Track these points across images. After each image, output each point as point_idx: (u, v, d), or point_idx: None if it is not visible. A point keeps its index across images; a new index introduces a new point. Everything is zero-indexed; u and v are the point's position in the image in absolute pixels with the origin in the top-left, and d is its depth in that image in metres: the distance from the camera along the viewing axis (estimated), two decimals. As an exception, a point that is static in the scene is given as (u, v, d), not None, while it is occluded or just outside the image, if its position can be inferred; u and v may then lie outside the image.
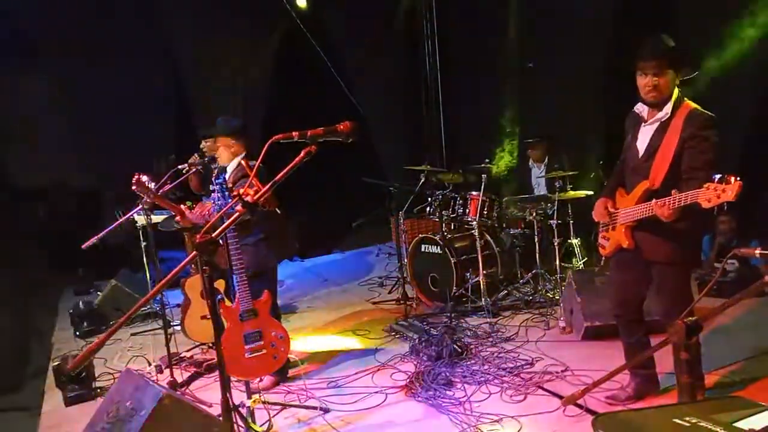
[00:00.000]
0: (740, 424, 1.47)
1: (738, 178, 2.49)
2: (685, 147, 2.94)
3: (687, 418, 1.49)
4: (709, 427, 1.42)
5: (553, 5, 6.89)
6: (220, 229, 1.86)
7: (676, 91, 3.04)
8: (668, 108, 3.02)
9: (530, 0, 7.27)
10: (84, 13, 6.94)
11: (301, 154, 1.99)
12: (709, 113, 2.98)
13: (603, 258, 3.56)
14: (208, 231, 1.85)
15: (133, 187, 3.79)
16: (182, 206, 4.21)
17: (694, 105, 3.02)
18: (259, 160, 1.99)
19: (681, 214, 2.82)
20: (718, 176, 2.53)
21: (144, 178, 3.77)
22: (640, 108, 3.17)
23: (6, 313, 5.75)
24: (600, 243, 3.48)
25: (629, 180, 3.24)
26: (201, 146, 5.19)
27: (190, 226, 4.33)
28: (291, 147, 2.04)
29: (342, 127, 2.06)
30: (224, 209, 2.14)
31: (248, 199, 1.93)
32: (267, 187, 1.95)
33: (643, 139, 3.15)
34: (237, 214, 1.96)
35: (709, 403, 1.66)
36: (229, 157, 4.11)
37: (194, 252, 1.84)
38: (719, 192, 2.52)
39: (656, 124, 3.08)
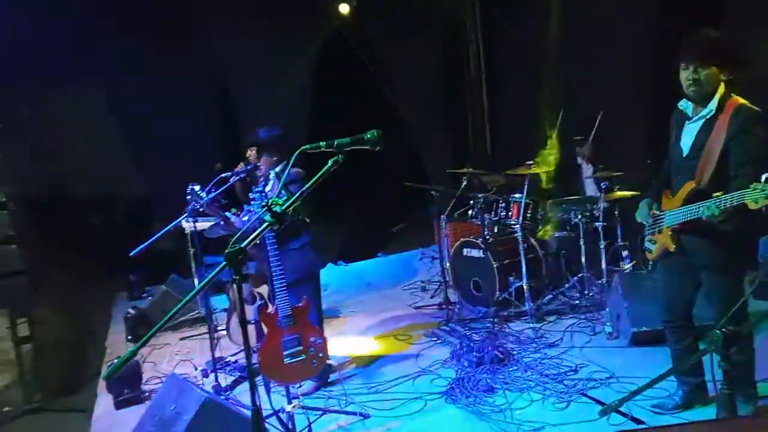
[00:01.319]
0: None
1: None
2: (731, 144, 2.81)
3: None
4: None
5: (598, 2, 6.73)
6: (248, 240, 1.89)
7: (722, 86, 2.91)
8: (713, 104, 2.90)
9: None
10: (130, 26, 7.17)
11: (329, 163, 2.01)
12: (757, 108, 2.84)
13: (650, 262, 3.44)
14: (236, 241, 1.88)
15: (188, 197, 3.94)
16: (228, 213, 4.31)
17: (741, 100, 2.89)
18: (287, 170, 2.01)
19: (729, 215, 2.70)
20: (765, 175, 2.40)
21: (197, 187, 3.92)
22: (685, 104, 3.06)
23: (64, 317, 6.00)
24: (646, 246, 3.38)
25: (674, 180, 3.13)
26: (246, 155, 5.30)
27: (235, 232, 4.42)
28: (323, 155, 2.05)
29: (368, 135, 2.06)
30: (254, 218, 2.18)
31: (276, 209, 1.95)
32: (294, 197, 1.98)
33: (688, 137, 3.03)
34: (266, 224, 1.99)
35: (755, 421, 1.58)
36: (271, 165, 4.18)
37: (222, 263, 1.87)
38: (767, 191, 2.40)
39: (701, 121, 2.96)
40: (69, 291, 6.29)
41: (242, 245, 1.88)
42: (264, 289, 4.47)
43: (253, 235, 1.93)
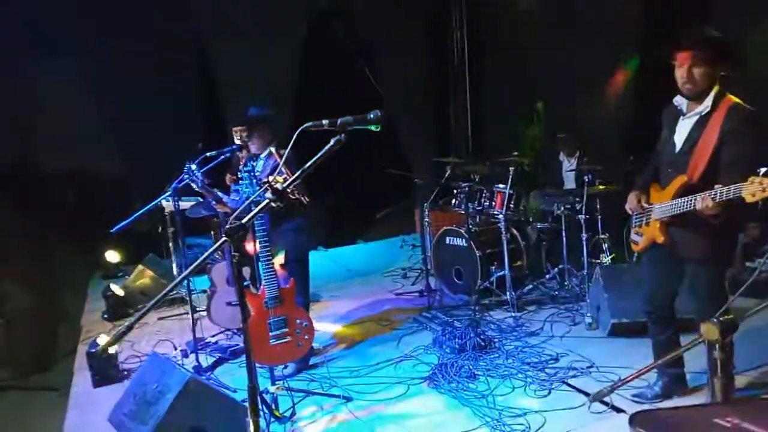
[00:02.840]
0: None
1: None
2: (724, 141, 2.85)
3: (728, 419, 1.45)
4: (752, 428, 1.38)
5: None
6: (248, 216, 1.86)
7: (717, 84, 2.94)
8: (708, 101, 2.93)
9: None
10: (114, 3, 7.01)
11: (331, 142, 1.98)
12: (751, 108, 2.88)
13: (636, 254, 3.48)
14: (237, 218, 1.85)
15: (185, 176, 3.88)
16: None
17: (736, 99, 2.92)
18: (288, 148, 1.98)
19: (723, 210, 2.74)
20: (763, 169, 2.44)
21: (194, 165, 3.86)
22: (679, 101, 3.08)
23: (37, 296, 5.87)
24: (632, 239, 3.42)
25: (664, 174, 3.16)
26: (235, 134, 5.21)
27: (229, 212, 4.36)
28: (319, 136, 2.03)
29: (371, 115, 2.04)
30: (252, 197, 2.15)
31: (278, 186, 1.93)
32: (296, 175, 1.95)
33: (682, 133, 3.06)
34: (266, 201, 1.96)
35: (749, 404, 1.62)
36: (261, 145, 4.13)
37: (223, 238, 1.84)
38: (765, 186, 2.42)
39: (695, 118, 3.00)
40: (41, 268, 6.17)
41: (242, 222, 1.85)
42: (246, 271, 4.44)
43: (254, 211, 1.90)
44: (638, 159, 5.83)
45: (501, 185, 5.57)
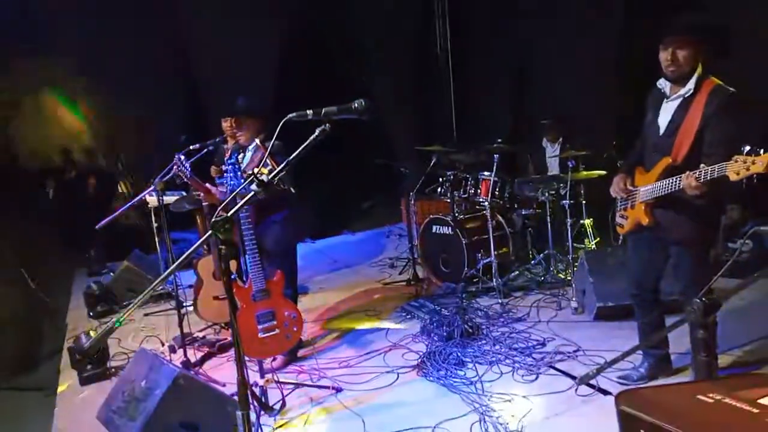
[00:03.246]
0: (764, 401, 1.46)
1: None
2: (707, 123, 2.88)
3: (710, 395, 1.48)
4: (734, 403, 1.41)
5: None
6: (235, 208, 1.85)
7: (700, 67, 2.96)
8: (691, 84, 2.95)
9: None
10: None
11: (316, 132, 1.98)
12: (733, 89, 2.91)
13: (621, 237, 3.51)
14: (223, 210, 1.84)
15: (174, 167, 3.85)
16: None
17: (718, 81, 2.95)
18: (273, 139, 1.97)
19: (707, 189, 2.77)
20: (747, 148, 2.48)
21: (182, 156, 3.83)
22: (663, 84, 3.10)
23: (20, 294, 5.81)
24: (617, 222, 3.45)
25: (649, 157, 3.19)
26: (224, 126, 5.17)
27: (217, 203, 4.33)
28: (305, 126, 2.02)
29: (356, 104, 2.04)
30: (237, 189, 2.13)
31: (263, 178, 1.92)
32: (282, 166, 1.94)
33: (665, 116, 3.09)
34: (251, 193, 1.95)
35: (730, 381, 1.65)
36: (250, 137, 4.09)
37: (208, 231, 1.83)
38: (749, 164, 2.46)
39: (679, 100, 3.02)
40: (24, 266, 6.10)
41: (228, 214, 1.84)
42: (233, 264, 4.42)
43: (239, 204, 1.89)
44: (621, 143, 5.89)
45: (486, 173, 5.59)
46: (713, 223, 3.11)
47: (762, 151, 2.45)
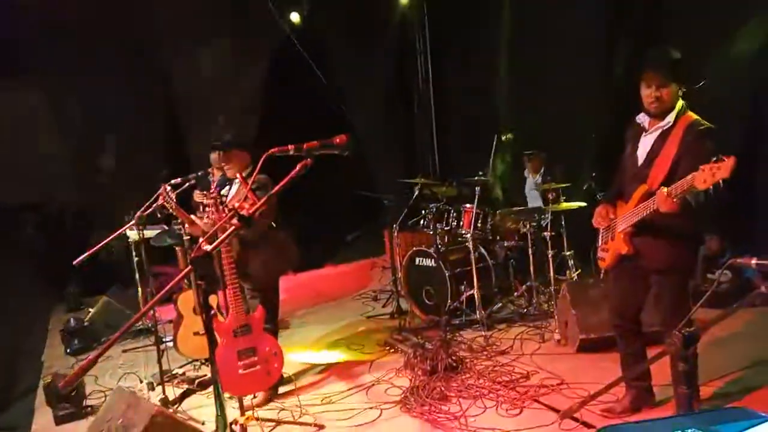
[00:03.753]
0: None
1: (732, 156, 2.50)
2: (682, 154, 2.96)
3: (689, 430, 1.48)
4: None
5: (546, 19, 6.94)
6: (215, 243, 1.84)
7: (679, 102, 3.06)
8: (671, 117, 3.05)
9: (522, 13, 7.30)
10: (78, 29, 6.94)
11: (297, 167, 1.98)
12: (709, 124, 3.01)
13: (603, 271, 3.55)
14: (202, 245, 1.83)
15: (160, 199, 3.84)
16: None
17: (696, 116, 3.05)
18: (254, 174, 1.97)
19: (681, 209, 2.81)
20: (714, 159, 2.55)
21: (168, 188, 3.81)
22: (642, 118, 3.19)
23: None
24: (599, 256, 3.48)
25: (628, 189, 3.24)
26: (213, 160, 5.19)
27: (200, 235, 4.30)
28: (288, 160, 2.03)
29: (337, 140, 2.05)
30: (220, 223, 2.12)
31: (244, 212, 1.91)
32: (262, 200, 1.94)
33: (644, 148, 3.17)
34: (232, 228, 1.94)
35: (709, 414, 1.65)
36: (237, 171, 4.10)
37: (188, 266, 1.82)
38: (714, 170, 2.53)
39: (657, 132, 3.11)
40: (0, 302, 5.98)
41: (209, 249, 1.82)
42: (213, 300, 4.37)
43: (219, 239, 1.88)
44: (600, 175, 5.98)
45: (468, 205, 5.63)
46: (691, 250, 3.16)
47: (725, 158, 2.53)
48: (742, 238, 5.34)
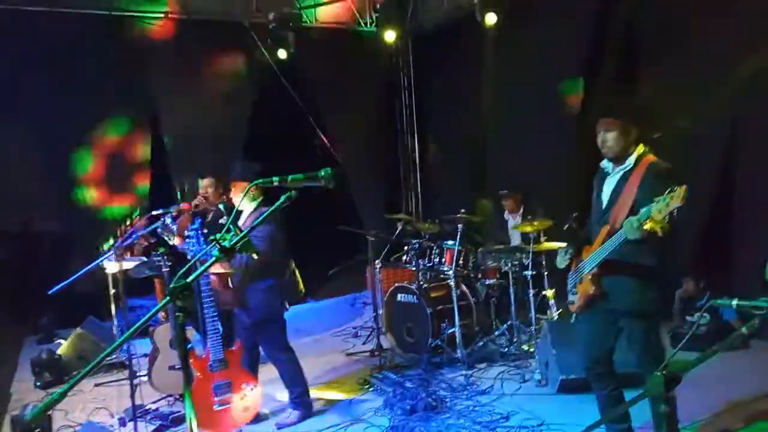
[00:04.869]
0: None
1: (684, 185, 2.59)
2: (643, 192, 3.02)
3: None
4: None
5: (528, 57, 7.10)
6: (194, 275, 1.82)
7: (640, 146, 3.15)
8: (631, 159, 3.14)
9: (504, 54, 7.46)
10: (58, 57, 6.95)
11: (281, 199, 1.98)
12: (669, 164, 3.11)
13: (573, 315, 3.55)
14: (181, 276, 1.80)
15: (158, 229, 3.81)
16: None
17: (655, 158, 3.15)
18: (237, 207, 1.96)
19: (647, 245, 2.87)
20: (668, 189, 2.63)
21: (168, 219, 3.78)
22: (606, 163, 3.29)
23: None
24: (569, 300, 3.50)
25: (595, 232, 3.30)
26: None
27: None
28: (273, 192, 2.04)
29: (322, 173, 2.06)
30: (200, 255, 2.10)
31: (225, 244, 1.90)
32: (245, 232, 1.93)
33: (608, 190, 3.25)
34: (213, 259, 1.92)
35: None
36: (246, 201, 4.08)
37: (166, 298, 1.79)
38: (668, 200, 2.61)
39: (620, 174, 3.20)
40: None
41: (188, 280, 1.80)
42: (190, 333, 4.30)
43: (199, 270, 1.86)
44: (581, 215, 6.03)
45: (450, 242, 5.64)
46: (659, 291, 3.18)
47: (677, 187, 2.60)
48: (719, 281, 5.40)
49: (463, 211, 5.79)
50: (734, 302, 1.84)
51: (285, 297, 4.30)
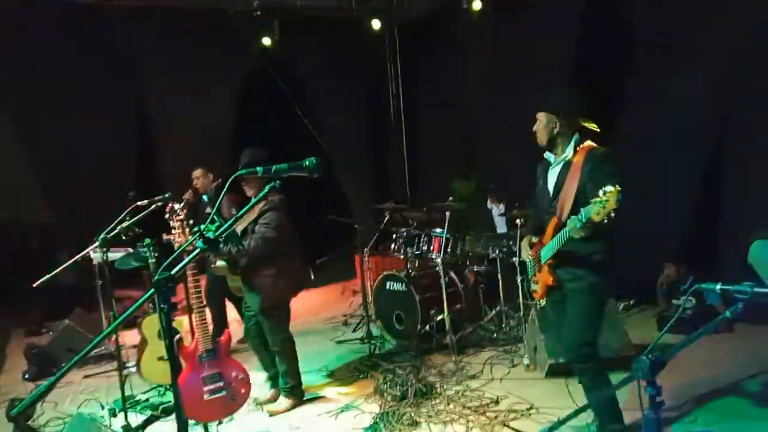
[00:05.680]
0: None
1: (616, 187, 2.62)
2: (586, 180, 3.06)
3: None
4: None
5: (515, 44, 7.09)
6: (179, 266, 1.81)
7: (576, 134, 3.21)
8: (570, 149, 3.20)
9: (491, 41, 7.44)
10: (46, 51, 6.87)
11: (266, 189, 1.97)
12: (607, 148, 3.15)
13: (537, 302, 3.58)
14: (165, 268, 1.79)
15: (166, 216, 3.76)
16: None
17: (593, 144, 3.19)
18: (221, 197, 1.95)
19: (595, 234, 2.91)
20: (603, 189, 2.65)
21: (177, 206, 3.72)
22: (548, 154, 3.34)
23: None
24: (532, 288, 3.53)
25: (545, 222, 3.35)
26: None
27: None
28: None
29: (307, 162, 2.05)
30: (185, 245, 2.08)
31: (209, 235, 1.89)
32: (229, 223, 1.92)
33: (552, 181, 3.31)
34: (198, 251, 1.91)
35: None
36: (257, 190, 4.06)
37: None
38: (604, 203, 2.64)
39: (560, 165, 3.25)
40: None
41: (172, 272, 1.79)
42: (180, 324, 4.29)
43: (183, 263, 1.85)
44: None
45: (438, 230, 5.65)
46: (608, 275, 3.19)
47: (609, 187, 2.62)
48: (701, 265, 5.45)
49: (450, 198, 5.80)
50: (718, 286, 1.86)
51: (294, 284, 4.27)
